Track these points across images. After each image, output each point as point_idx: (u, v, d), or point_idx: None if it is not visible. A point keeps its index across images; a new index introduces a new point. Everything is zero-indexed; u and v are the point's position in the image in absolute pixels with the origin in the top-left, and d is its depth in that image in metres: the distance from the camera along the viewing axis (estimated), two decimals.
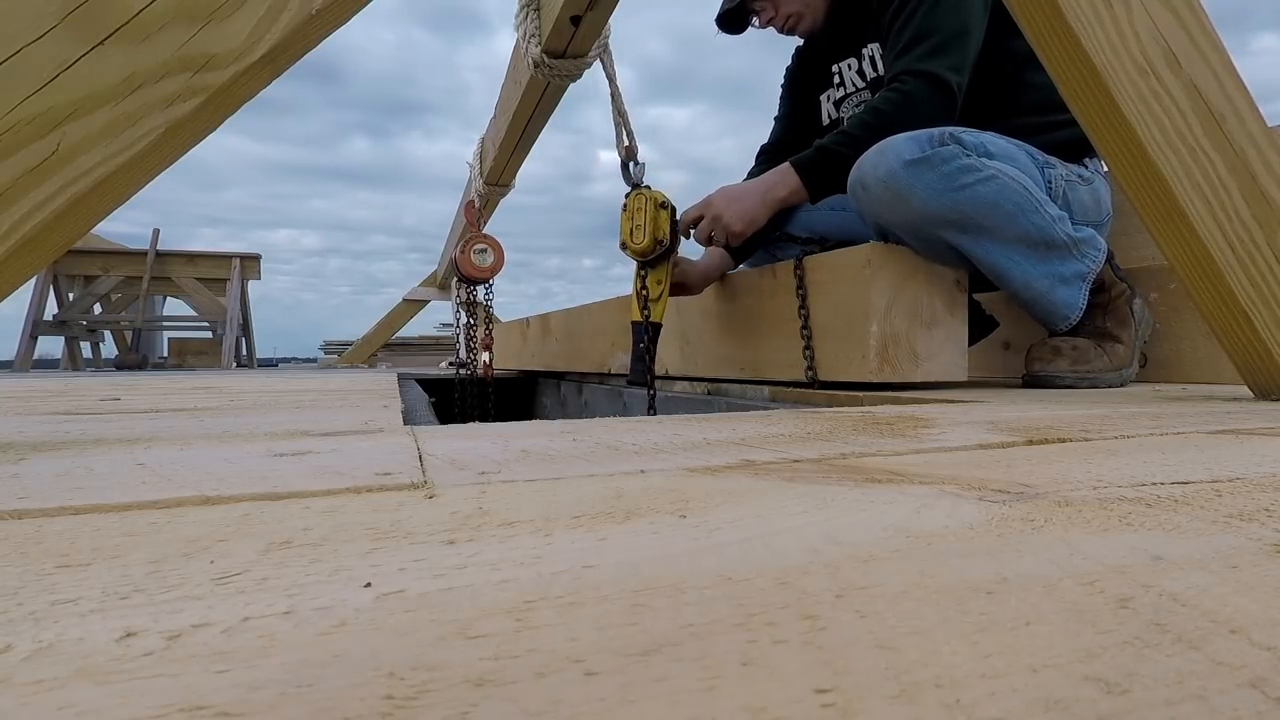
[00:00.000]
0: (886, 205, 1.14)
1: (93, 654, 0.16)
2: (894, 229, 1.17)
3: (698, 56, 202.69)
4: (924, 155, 1.10)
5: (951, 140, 1.11)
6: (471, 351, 2.50)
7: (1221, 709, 0.14)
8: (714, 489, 0.34)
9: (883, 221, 1.17)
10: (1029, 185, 1.15)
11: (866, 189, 1.16)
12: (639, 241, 1.26)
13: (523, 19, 1.37)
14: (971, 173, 1.11)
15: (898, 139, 1.13)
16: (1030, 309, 1.23)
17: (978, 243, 1.14)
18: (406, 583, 0.21)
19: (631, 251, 1.28)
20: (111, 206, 0.54)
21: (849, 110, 1.48)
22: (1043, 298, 1.19)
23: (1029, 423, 0.62)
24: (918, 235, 1.14)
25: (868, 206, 1.18)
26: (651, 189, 1.28)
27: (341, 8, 0.57)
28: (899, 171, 1.11)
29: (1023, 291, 1.19)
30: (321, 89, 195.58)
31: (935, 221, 1.12)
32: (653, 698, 0.14)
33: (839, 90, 1.50)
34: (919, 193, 1.10)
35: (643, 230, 1.25)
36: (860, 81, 1.45)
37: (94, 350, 5.17)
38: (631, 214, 1.27)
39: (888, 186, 1.12)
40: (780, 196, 1.29)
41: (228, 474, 0.39)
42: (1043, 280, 1.18)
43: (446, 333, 6.36)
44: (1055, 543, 0.25)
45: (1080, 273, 1.20)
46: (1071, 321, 1.21)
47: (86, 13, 0.49)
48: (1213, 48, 0.80)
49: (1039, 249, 1.17)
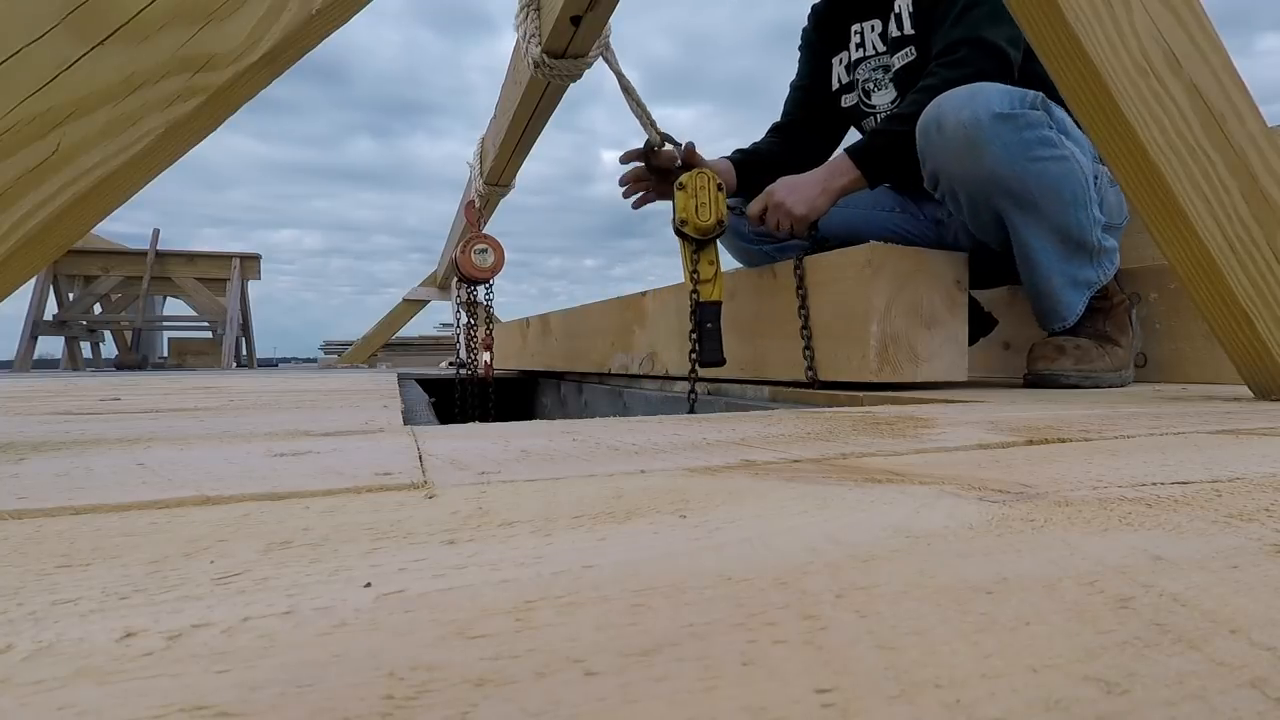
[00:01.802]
0: (957, 153, 1.08)
1: (93, 654, 0.16)
2: (952, 181, 1.12)
3: (703, 57, 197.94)
4: (1013, 112, 1.05)
5: (1042, 106, 1.07)
6: (471, 351, 2.50)
7: (1221, 709, 0.14)
8: (714, 489, 0.34)
9: (944, 171, 1.12)
10: (1089, 178, 1.12)
11: (942, 131, 1.09)
12: (705, 219, 1.24)
13: (523, 19, 1.37)
14: (1049, 146, 1.07)
15: (990, 87, 1.07)
16: (1036, 301, 1.22)
17: (1025, 220, 1.11)
18: (406, 583, 0.21)
19: (693, 228, 1.26)
20: (111, 206, 0.54)
21: (865, 74, 1.41)
22: (1053, 294, 1.19)
23: (1029, 423, 0.62)
24: (973, 195, 1.10)
25: (937, 150, 1.12)
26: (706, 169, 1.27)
27: (342, 7, 0.57)
28: (984, 121, 1.05)
29: (1041, 282, 1.17)
30: (327, 89, 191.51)
31: (998, 185, 1.07)
32: (653, 698, 0.14)
33: (857, 51, 1.42)
34: (995, 150, 1.05)
35: (708, 208, 1.24)
36: (881, 45, 1.37)
37: (94, 350, 5.16)
38: (694, 192, 1.25)
39: (967, 134, 1.06)
40: (841, 185, 1.24)
41: (228, 474, 0.39)
42: (1060, 277, 1.17)
43: (446, 333, 6.36)
44: (1055, 543, 0.25)
45: (1090, 281, 1.20)
46: (1068, 324, 1.21)
47: (86, 13, 0.49)
48: (1213, 48, 0.80)
49: (1070, 246, 1.15)
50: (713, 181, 1.25)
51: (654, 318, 1.77)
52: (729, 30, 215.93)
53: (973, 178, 1.10)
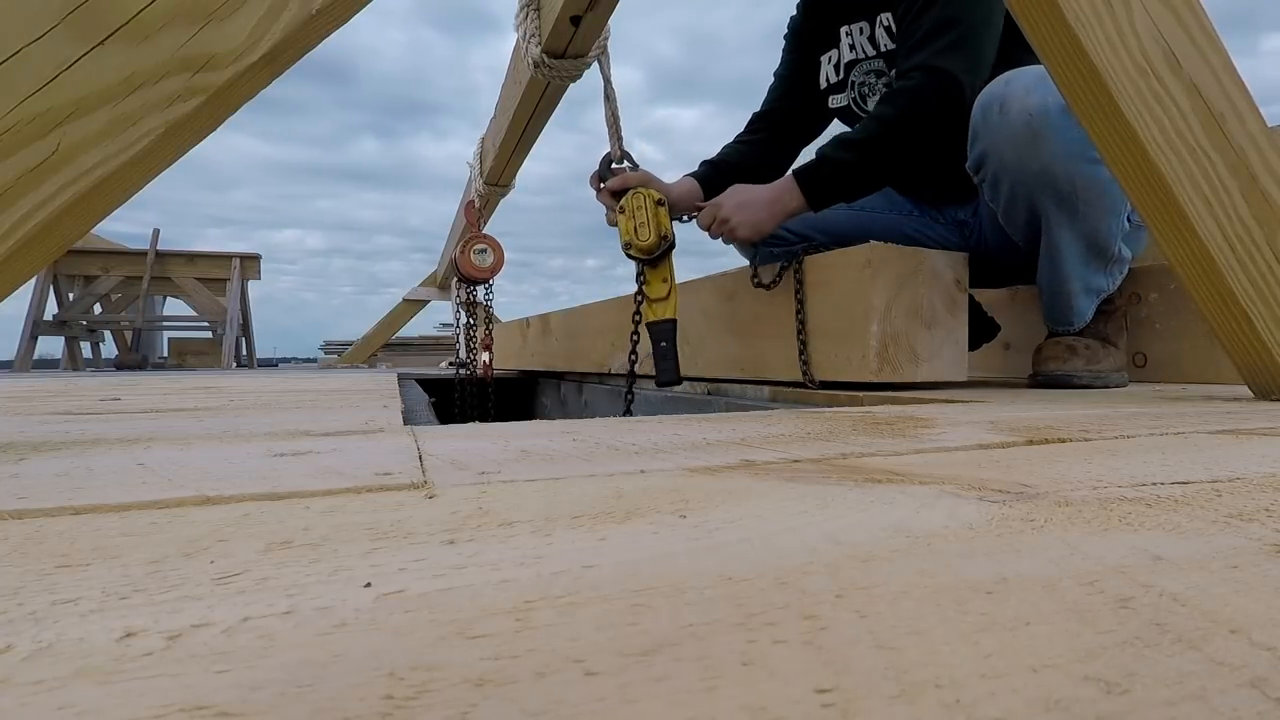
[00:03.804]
0: (1015, 140, 1.05)
1: (93, 654, 0.16)
2: (1002, 168, 1.09)
3: (707, 57, 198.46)
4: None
5: None
6: (471, 351, 2.50)
7: (1221, 709, 0.14)
8: (714, 489, 0.34)
9: (995, 155, 1.09)
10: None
11: (1005, 113, 1.06)
12: (645, 239, 1.24)
13: (523, 19, 1.37)
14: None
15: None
16: (1050, 299, 1.21)
17: (1060, 220, 1.09)
18: (406, 583, 0.21)
19: (636, 250, 1.26)
20: (112, 206, 0.54)
21: (860, 77, 1.39)
22: (1070, 297, 1.19)
23: (1029, 423, 0.62)
24: (1018, 185, 1.07)
25: (995, 132, 1.08)
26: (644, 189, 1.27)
27: (342, 7, 0.57)
28: (1053, 111, 1.01)
29: (1059, 284, 1.17)
30: (332, 90, 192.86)
31: (1050, 180, 1.04)
32: (653, 698, 0.14)
33: (850, 53, 1.40)
34: (1057, 144, 1.02)
35: (647, 227, 1.24)
36: (872, 49, 1.36)
37: (94, 350, 5.17)
38: (631, 213, 1.26)
39: (1031, 122, 1.03)
40: (789, 209, 1.24)
41: (228, 474, 0.39)
42: (1079, 282, 1.18)
43: (446, 333, 6.36)
44: (1055, 543, 0.25)
45: (1100, 289, 1.20)
46: (1074, 329, 1.22)
47: (86, 13, 0.49)
48: (1213, 48, 0.80)
49: (1093, 253, 1.15)
50: (650, 199, 1.25)
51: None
52: (734, 30, 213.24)
53: (1026, 169, 1.06)
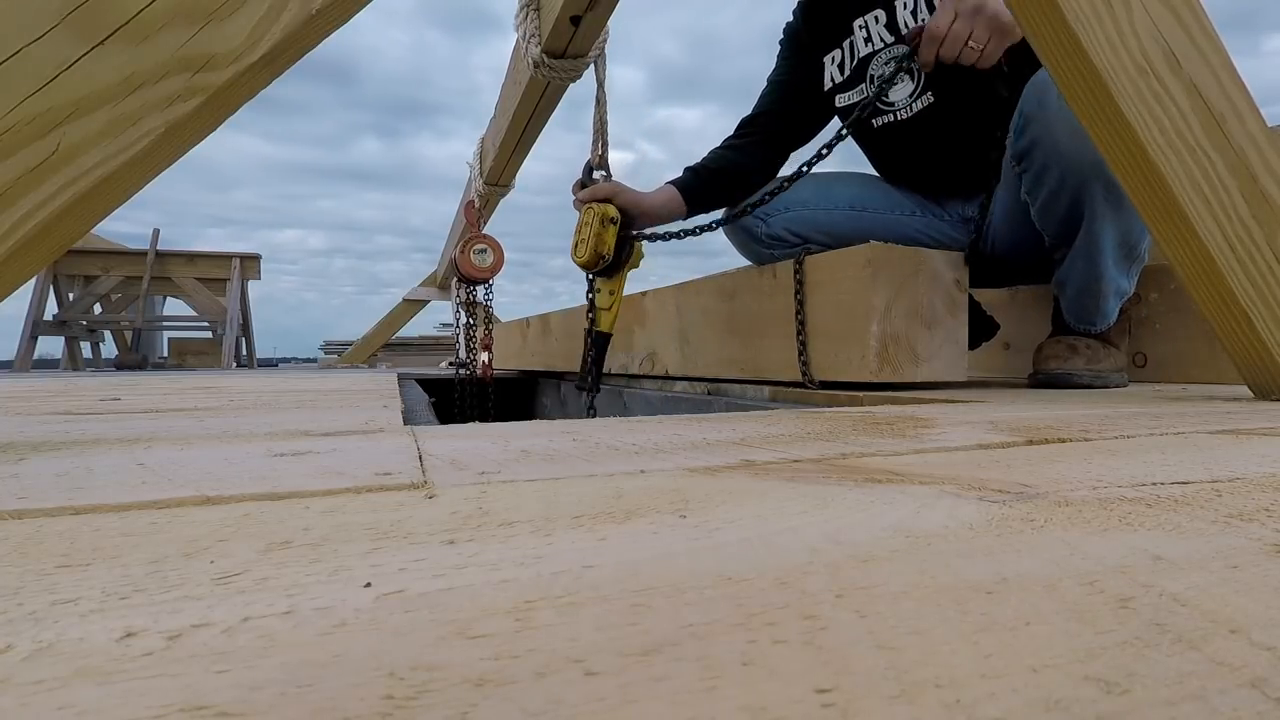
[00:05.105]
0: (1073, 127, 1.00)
1: (93, 654, 0.16)
2: (1054, 156, 1.07)
3: (710, 58, 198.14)
4: None
5: None
6: (471, 351, 2.50)
7: (1221, 709, 0.14)
8: (714, 489, 0.34)
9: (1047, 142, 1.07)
10: None
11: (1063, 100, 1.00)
12: (581, 255, 1.30)
13: (522, 19, 1.37)
14: None
15: None
16: (1080, 298, 1.20)
17: (1105, 213, 1.08)
18: (406, 583, 0.21)
19: (575, 262, 1.32)
20: (112, 206, 0.54)
21: (878, 69, 1.36)
22: (1099, 298, 1.18)
23: (1029, 423, 0.62)
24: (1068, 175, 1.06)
25: (1052, 117, 1.06)
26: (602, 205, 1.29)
27: (342, 7, 0.57)
28: None
29: (1097, 281, 1.16)
30: (335, 90, 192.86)
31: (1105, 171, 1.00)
32: (653, 698, 0.14)
33: (866, 47, 1.36)
34: None
35: (585, 245, 1.29)
36: (889, 35, 1.33)
37: (94, 350, 5.16)
38: (579, 227, 1.31)
39: None
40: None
41: (228, 474, 0.39)
42: (1109, 284, 1.17)
43: (446, 333, 6.36)
44: (1055, 543, 0.25)
45: (1123, 292, 1.20)
46: (1096, 329, 1.22)
47: (86, 13, 0.49)
48: (1213, 48, 0.80)
49: (1125, 252, 1.14)
50: (597, 218, 1.28)
51: (654, 318, 1.77)
52: (736, 31, 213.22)
53: (1081, 157, 1.04)
